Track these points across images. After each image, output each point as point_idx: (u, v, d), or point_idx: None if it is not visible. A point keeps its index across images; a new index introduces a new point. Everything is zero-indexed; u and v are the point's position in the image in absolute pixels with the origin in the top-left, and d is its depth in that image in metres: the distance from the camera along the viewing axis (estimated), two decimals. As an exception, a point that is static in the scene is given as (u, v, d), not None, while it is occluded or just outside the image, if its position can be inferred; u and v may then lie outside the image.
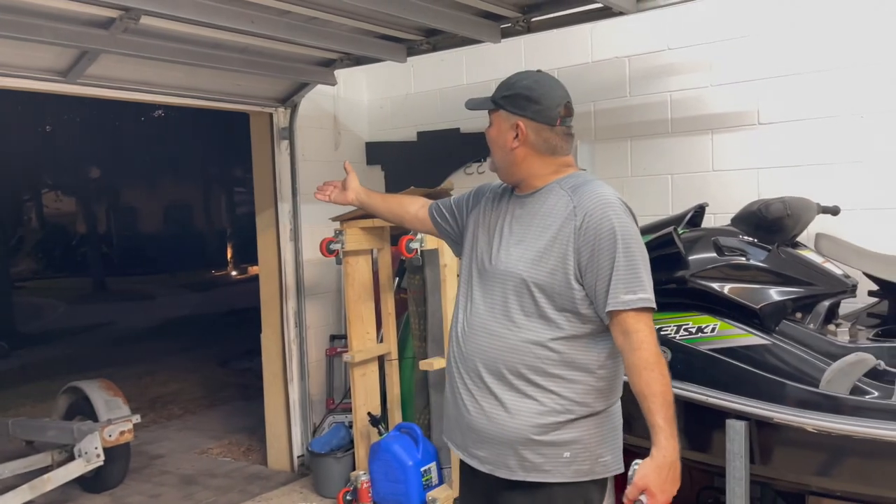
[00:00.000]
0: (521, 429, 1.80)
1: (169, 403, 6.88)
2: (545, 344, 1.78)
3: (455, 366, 1.95)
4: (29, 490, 3.83)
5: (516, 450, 1.81)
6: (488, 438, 1.85)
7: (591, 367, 1.81)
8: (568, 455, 1.80)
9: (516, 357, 1.80)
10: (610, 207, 1.77)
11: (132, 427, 4.31)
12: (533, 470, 1.81)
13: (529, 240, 1.83)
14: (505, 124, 1.89)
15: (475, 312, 1.89)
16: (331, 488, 4.16)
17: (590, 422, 1.82)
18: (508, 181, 1.97)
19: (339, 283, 4.86)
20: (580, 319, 1.79)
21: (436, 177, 4.70)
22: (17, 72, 3.33)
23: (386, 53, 3.80)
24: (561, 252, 1.77)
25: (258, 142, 4.70)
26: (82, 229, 23.95)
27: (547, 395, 1.79)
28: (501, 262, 1.85)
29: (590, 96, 4.15)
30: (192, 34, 3.34)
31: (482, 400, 1.85)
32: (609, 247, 1.73)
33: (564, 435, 1.79)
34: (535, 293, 1.78)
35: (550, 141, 1.87)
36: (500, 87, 1.93)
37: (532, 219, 1.85)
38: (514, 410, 1.80)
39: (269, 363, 4.76)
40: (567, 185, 1.86)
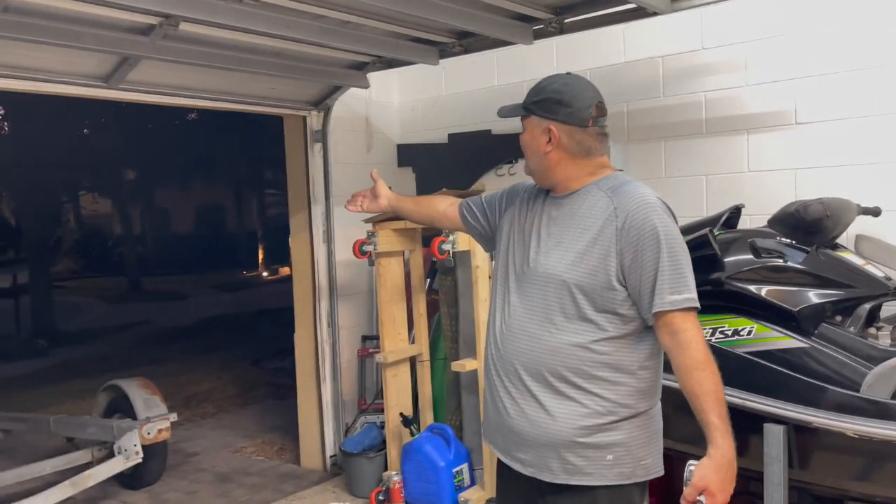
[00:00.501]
0: (563, 431, 1.79)
1: (203, 402, 7.00)
2: (587, 346, 1.78)
3: (494, 369, 1.94)
4: (70, 486, 3.93)
5: (559, 453, 1.81)
6: (530, 441, 1.85)
7: (633, 369, 1.81)
8: (611, 458, 1.79)
9: (557, 359, 1.80)
10: (651, 208, 1.76)
11: (170, 425, 4.39)
12: (576, 473, 1.80)
13: (568, 241, 1.82)
14: (537, 129, 1.89)
15: (513, 315, 1.89)
16: (363, 488, 4.19)
17: (632, 424, 1.81)
18: (544, 185, 1.96)
19: (370, 284, 4.90)
20: (621, 320, 1.79)
21: (467, 179, 4.71)
22: (61, 78, 3.42)
23: (418, 56, 3.83)
24: (602, 253, 1.76)
25: (292, 145, 4.76)
26: (118, 230, 24.43)
27: (589, 398, 1.79)
28: (540, 264, 1.85)
29: (623, 97, 4.13)
30: (229, 39, 3.39)
31: (523, 403, 1.85)
32: (652, 247, 1.73)
33: (607, 437, 1.79)
34: (576, 295, 1.78)
35: (584, 143, 1.87)
36: (530, 93, 1.94)
37: (570, 220, 1.85)
38: (556, 413, 1.80)
39: (301, 363, 4.82)
40: (605, 186, 1.85)
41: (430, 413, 4.30)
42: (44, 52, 3.20)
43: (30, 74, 3.33)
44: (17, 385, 8.86)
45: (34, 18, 2.86)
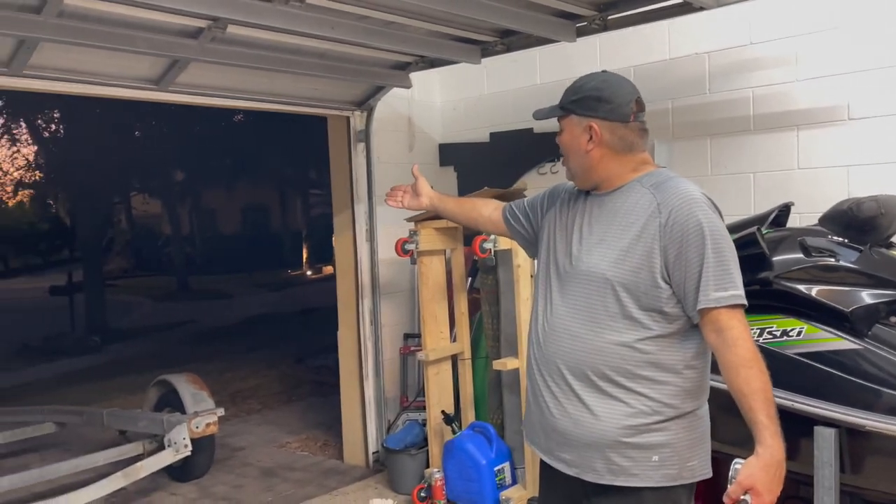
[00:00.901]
0: (608, 431, 1.77)
1: (248, 398, 7.13)
2: (631, 345, 1.76)
3: (536, 368, 1.93)
4: (123, 477, 4.04)
5: (603, 453, 1.79)
6: (574, 441, 1.83)
7: (678, 368, 1.78)
8: (656, 459, 1.77)
9: (601, 359, 1.78)
10: (695, 203, 1.74)
11: (217, 420, 4.49)
12: (621, 474, 1.78)
13: (611, 239, 1.80)
14: (577, 128, 1.87)
15: (556, 314, 1.88)
16: (405, 485, 4.22)
17: (678, 424, 1.79)
18: (586, 185, 1.93)
19: (412, 282, 4.93)
20: (666, 319, 1.76)
21: (509, 177, 4.70)
22: (114, 81, 3.53)
23: (460, 55, 3.84)
24: (645, 250, 1.74)
25: (335, 145, 4.82)
26: (167, 230, 25.05)
27: (634, 397, 1.76)
28: (583, 262, 1.83)
29: (668, 94, 4.07)
30: (274, 41, 3.46)
31: (566, 403, 1.84)
32: (697, 243, 1.70)
33: (653, 438, 1.76)
34: (620, 293, 1.76)
35: (626, 138, 1.85)
36: (567, 93, 1.92)
37: (613, 217, 1.83)
38: (601, 413, 1.78)
39: (345, 360, 4.87)
40: (648, 182, 1.83)
41: (472, 411, 4.31)
42: (97, 55, 3.31)
43: (84, 78, 3.45)
44: (73, 380, 9.17)
45: (88, 23, 2.96)
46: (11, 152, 16.05)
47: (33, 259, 29.87)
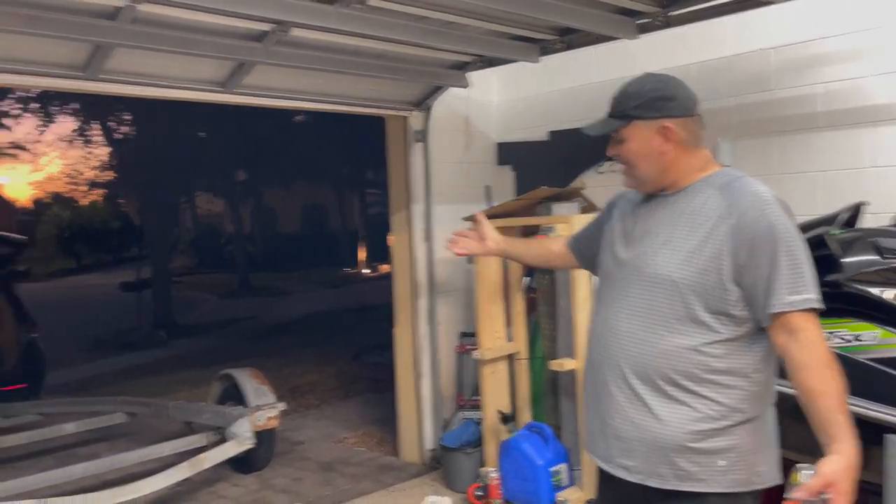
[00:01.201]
0: (674, 436, 1.74)
1: (307, 393, 7.28)
2: (698, 348, 1.72)
3: (597, 373, 1.90)
4: (188, 467, 4.19)
5: (669, 458, 1.75)
6: (638, 447, 1.79)
7: (747, 371, 1.74)
8: (723, 464, 1.73)
9: (668, 363, 1.74)
10: (767, 204, 1.70)
11: (278, 414, 4.60)
12: (687, 479, 1.75)
13: (677, 240, 1.77)
14: (646, 133, 1.82)
15: (619, 318, 1.84)
16: (461, 483, 4.24)
17: (745, 429, 1.74)
18: (655, 189, 1.88)
19: (469, 281, 4.94)
20: (734, 322, 1.72)
21: (567, 176, 4.66)
22: (183, 84, 3.65)
23: (519, 54, 3.83)
24: (714, 252, 1.70)
25: (393, 145, 4.87)
26: (230, 229, 25.74)
27: (701, 401, 1.73)
28: (648, 264, 1.80)
29: (731, 91, 3.97)
30: (335, 43, 3.52)
31: (630, 408, 1.80)
32: (769, 246, 1.66)
33: (720, 442, 1.73)
34: (687, 295, 1.72)
35: (696, 132, 1.84)
36: (622, 101, 1.86)
37: (678, 219, 1.79)
38: (667, 418, 1.75)
39: (401, 358, 4.92)
40: (715, 182, 1.79)
41: (528, 411, 4.30)
42: (167, 59, 3.43)
43: (155, 81, 3.58)
44: (141, 372, 9.53)
45: (159, 28, 3.08)
46: (85, 153, 16.76)
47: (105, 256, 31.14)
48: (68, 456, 5.32)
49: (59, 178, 21.56)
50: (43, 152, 18.50)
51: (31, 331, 7.47)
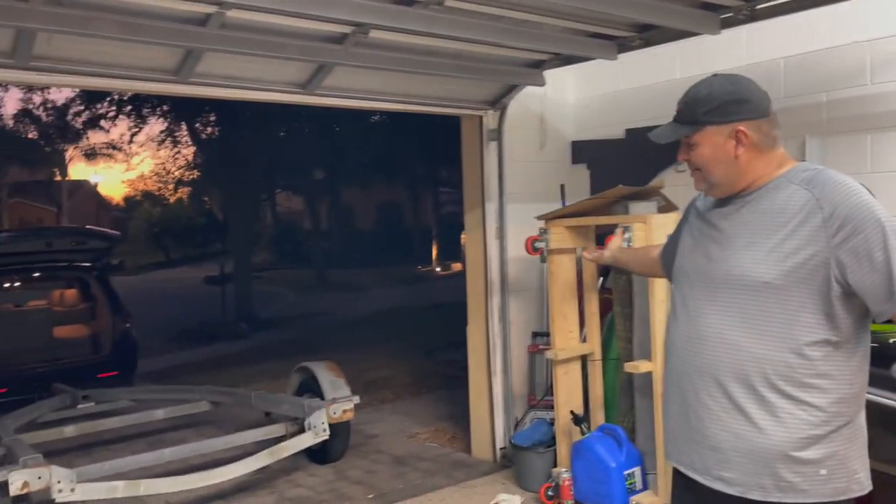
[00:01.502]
0: (776, 445, 1.67)
1: (381, 388, 7.41)
2: (798, 351, 1.66)
3: (683, 381, 1.83)
4: (268, 455, 4.35)
5: (772, 468, 1.68)
6: (736, 458, 1.72)
7: (846, 373, 1.67)
8: (825, 472, 1.66)
9: (767, 368, 1.68)
10: (858, 193, 1.63)
11: (353, 407, 4.71)
12: (790, 490, 1.68)
13: (763, 240, 1.70)
14: (719, 138, 1.77)
15: (704, 323, 1.78)
16: (532, 482, 4.23)
17: (843, 434, 1.68)
18: (731, 193, 1.82)
19: (542, 280, 4.92)
20: (834, 321, 1.65)
21: (645, 175, 4.57)
22: (267, 86, 3.79)
23: (596, 52, 3.79)
24: (807, 249, 1.64)
25: (468, 144, 4.90)
26: (308, 226, 26.43)
27: (803, 407, 1.66)
28: (733, 267, 1.74)
29: (821, 87, 3.80)
30: (412, 43, 3.58)
31: (726, 416, 1.73)
32: (877, 238, 1.58)
33: (821, 450, 1.66)
34: (782, 296, 1.66)
35: (771, 133, 1.77)
36: (692, 106, 1.81)
37: (761, 218, 1.73)
38: (766, 426, 1.68)
39: (473, 356, 4.95)
40: (797, 178, 1.72)
41: (602, 413, 4.25)
42: (253, 62, 3.57)
43: (241, 84, 3.73)
44: (223, 363, 9.94)
45: (246, 33, 3.20)
46: (173, 153, 17.57)
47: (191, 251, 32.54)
48: (158, 440, 5.62)
49: (149, 177, 22.67)
50: (135, 152, 19.50)
51: (124, 321, 7.89)
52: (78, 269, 8.14)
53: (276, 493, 4.48)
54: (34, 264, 8.03)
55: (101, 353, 7.87)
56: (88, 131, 17.80)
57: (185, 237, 32.55)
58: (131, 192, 29.84)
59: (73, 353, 7.81)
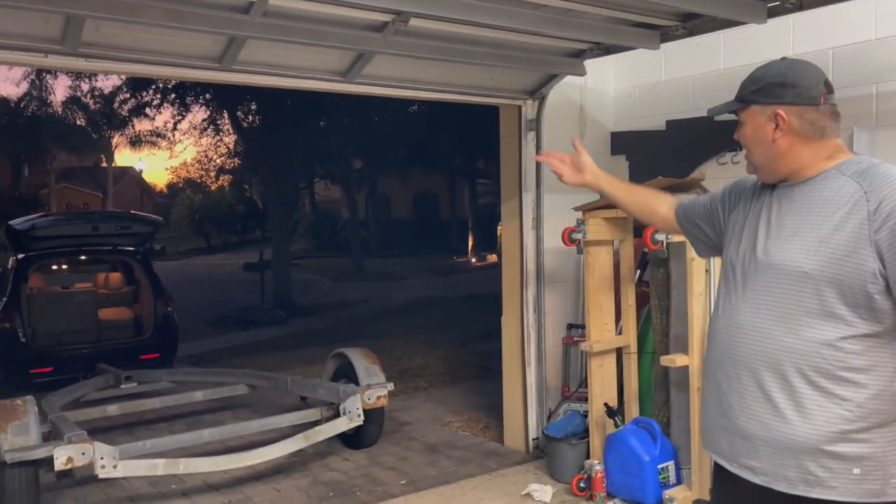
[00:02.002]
0: (805, 437, 1.65)
1: (415, 376, 7.46)
2: (834, 343, 1.63)
3: (719, 369, 1.83)
4: (304, 439, 4.41)
5: (798, 460, 1.67)
6: (764, 447, 1.72)
7: (887, 370, 1.63)
8: (858, 472, 1.63)
9: (800, 359, 1.66)
10: None
11: (387, 393, 4.76)
12: (817, 485, 1.65)
13: (807, 230, 1.68)
14: (760, 118, 1.76)
15: (744, 312, 1.77)
16: (564, 473, 4.22)
17: (883, 434, 1.63)
18: (773, 179, 1.81)
19: (577, 272, 4.89)
20: (874, 315, 1.62)
21: (685, 167, 4.51)
22: (307, 74, 3.83)
23: (638, 41, 3.73)
24: (851, 241, 1.61)
25: (506, 133, 4.88)
26: (345, 215, 26.64)
27: (835, 401, 1.63)
28: (775, 256, 1.72)
29: (871, 78, 3.69)
30: (452, 32, 3.57)
31: (756, 406, 1.73)
32: None
33: (855, 448, 1.63)
34: (821, 287, 1.64)
35: (817, 122, 1.73)
36: (745, 84, 1.82)
37: (809, 208, 1.70)
38: (796, 417, 1.66)
39: (508, 346, 4.95)
40: (849, 170, 1.69)
41: (636, 406, 4.22)
42: (294, 50, 3.61)
43: (282, 72, 3.77)
44: (261, 348, 10.11)
45: (288, 21, 3.24)
46: (215, 141, 17.85)
47: (231, 238, 33.09)
48: (196, 421, 5.75)
49: (191, 165, 23.10)
50: (178, 140, 19.87)
51: (166, 305, 8.08)
52: (122, 252, 8.36)
53: (311, 477, 4.56)
54: (81, 248, 8.26)
55: (143, 335, 8.08)
56: (134, 119, 18.20)
57: (225, 224, 33.13)
58: (174, 180, 30.46)
59: (116, 335, 8.03)
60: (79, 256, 8.50)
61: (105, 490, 4.38)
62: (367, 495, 4.22)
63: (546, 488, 4.08)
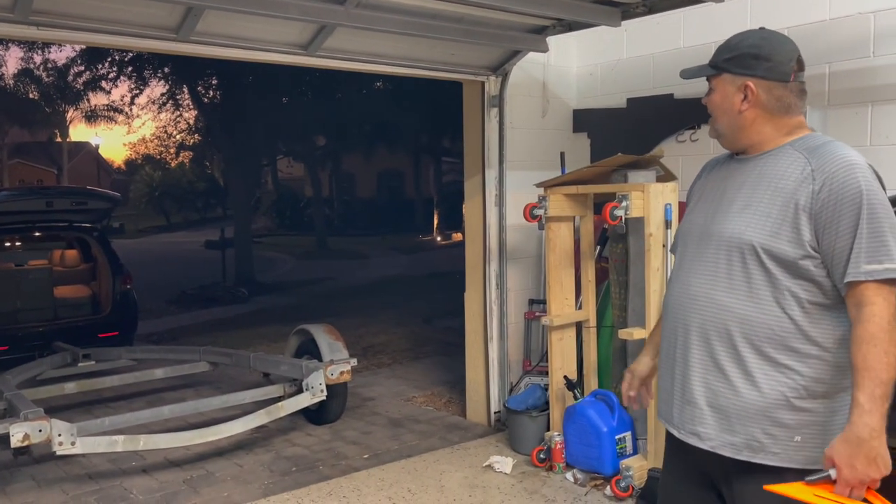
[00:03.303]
0: (753, 405, 1.70)
1: (379, 353, 7.49)
2: (779, 315, 1.68)
3: (672, 337, 1.87)
4: (266, 414, 4.41)
5: (745, 427, 1.72)
6: (712, 414, 1.76)
7: (829, 343, 1.68)
8: (799, 439, 1.69)
9: (749, 329, 1.71)
10: (856, 168, 1.63)
11: (350, 369, 4.77)
12: (760, 451, 1.71)
13: (757, 204, 1.72)
14: (730, 88, 1.78)
15: (697, 282, 1.81)
16: (525, 445, 4.31)
17: (825, 403, 1.69)
18: (734, 148, 1.85)
19: (539, 248, 4.95)
20: (818, 289, 1.67)
21: (645, 145, 4.58)
22: (268, 46, 3.77)
23: (600, 18, 3.76)
24: (795, 217, 1.66)
25: (469, 110, 4.88)
26: (309, 193, 26.37)
27: (781, 370, 1.69)
28: (727, 228, 1.76)
29: (824, 58, 3.78)
30: (414, 6, 3.55)
31: (706, 374, 1.77)
32: (852, 211, 1.60)
33: (798, 416, 1.68)
34: (766, 260, 1.68)
35: (784, 99, 1.76)
36: (720, 51, 1.83)
37: (760, 181, 1.75)
38: (745, 386, 1.71)
39: (471, 322, 5.00)
40: (802, 146, 1.73)
41: (595, 379, 4.31)
42: (254, 22, 3.55)
43: (241, 44, 3.71)
44: (223, 326, 10.01)
45: (248, -8, 3.18)
46: (174, 116, 17.46)
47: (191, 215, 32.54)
48: (157, 399, 5.70)
49: (150, 140, 22.59)
50: (136, 115, 19.41)
51: (125, 282, 7.93)
52: (78, 229, 8.16)
53: (273, 452, 4.56)
54: (35, 224, 8.04)
55: (101, 313, 7.92)
56: (89, 92, 17.69)
57: (185, 201, 32.54)
58: (132, 156, 29.76)
59: (73, 313, 7.86)
60: (33, 233, 8.27)
61: (64, 468, 4.33)
62: (329, 469, 4.25)
63: (507, 460, 4.16)
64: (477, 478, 4.04)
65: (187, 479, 4.15)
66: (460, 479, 4.03)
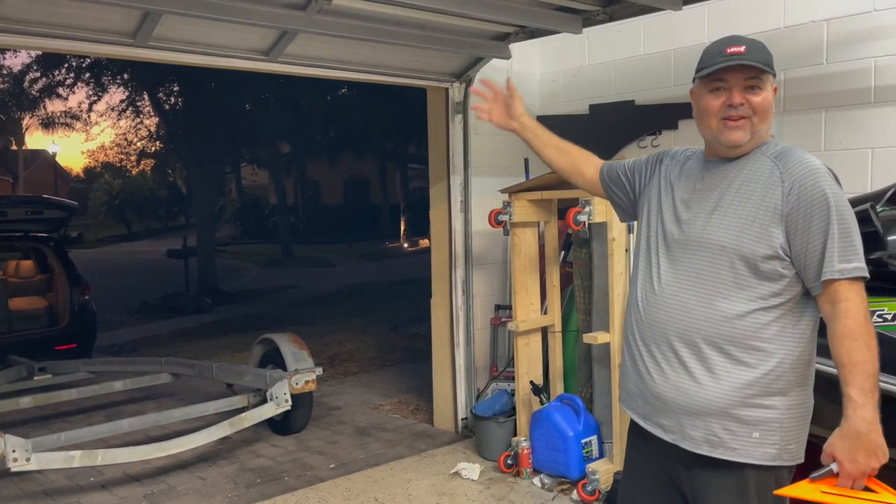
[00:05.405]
0: (715, 401, 1.74)
1: (346, 361, 7.42)
2: (744, 315, 1.72)
3: (638, 336, 1.90)
4: (229, 426, 4.33)
5: (706, 422, 1.76)
6: (674, 408, 1.80)
7: (791, 342, 1.74)
8: (757, 435, 1.73)
9: (712, 329, 1.75)
10: (820, 174, 1.70)
11: (315, 378, 4.71)
12: (719, 446, 1.75)
13: (727, 207, 1.77)
14: (770, 89, 1.80)
15: (663, 283, 1.84)
16: (492, 451, 4.30)
17: (784, 402, 1.74)
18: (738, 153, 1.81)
19: (505, 254, 4.96)
20: (782, 290, 1.72)
21: (608, 151, 4.62)
22: (229, 52, 3.72)
23: (561, 25, 3.79)
24: (766, 219, 1.71)
25: (434, 116, 4.88)
26: (273, 200, 26.09)
27: (742, 368, 1.73)
28: (697, 230, 1.80)
29: (780, 65, 3.78)
30: (377, 12, 3.54)
31: (670, 371, 1.81)
32: (822, 214, 1.66)
33: (757, 412, 1.73)
34: (736, 262, 1.73)
35: None
36: (763, 50, 1.79)
37: (730, 185, 1.79)
38: (706, 382, 1.75)
39: (437, 328, 4.99)
40: (769, 152, 1.78)
41: (561, 383, 4.33)
42: (214, 28, 3.50)
43: (203, 49, 3.65)
44: (186, 336, 9.83)
45: (207, -3, 3.13)
46: (135, 123, 17.15)
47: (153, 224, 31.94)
48: (116, 412, 5.57)
49: (109, 148, 22.17)
50: (95, 122, 19.00)
51: (83, 293, 7.74)
52: (34, 239, 7.95)
53: (238, 464, 4.48)
54: (-12, 234, 7.81)
55: (57, 325, 7.72)
56: (45, 99, 17.27)
57: (146, 210, 31.92)
58: (91, 163, 29.16)
59: (28, 326, 7.65)
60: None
61: (19, 485, 4.19)
62: (295, 480, 4.19)
63: (474, 466, 4.15)
64: (444, 485, 4.02)
65: (148, 494, 4.05)
66: (428, 486, 4.01)
